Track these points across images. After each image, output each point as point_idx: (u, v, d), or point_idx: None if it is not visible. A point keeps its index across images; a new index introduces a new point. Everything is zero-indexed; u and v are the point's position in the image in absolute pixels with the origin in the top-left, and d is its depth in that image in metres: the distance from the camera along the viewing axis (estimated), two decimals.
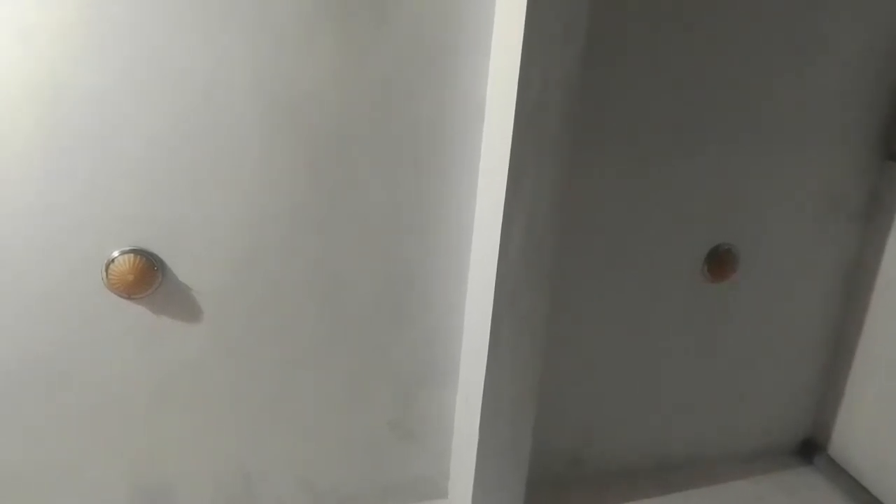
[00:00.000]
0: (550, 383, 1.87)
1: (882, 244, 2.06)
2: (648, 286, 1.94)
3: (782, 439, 2.33)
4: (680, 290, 1.98)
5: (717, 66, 1.76)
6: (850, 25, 1.83)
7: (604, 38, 1.60)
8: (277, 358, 1.68)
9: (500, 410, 1.73)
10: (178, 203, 1.47)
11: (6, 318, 1.47)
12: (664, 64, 1.71)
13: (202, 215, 1.50)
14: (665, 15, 1.67)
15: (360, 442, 1.84)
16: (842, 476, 2.18)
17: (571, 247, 1.77)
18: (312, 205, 1.56)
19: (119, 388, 1.59)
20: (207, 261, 1.54)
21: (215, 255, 1.54)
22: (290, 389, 1.72)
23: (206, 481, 1.75)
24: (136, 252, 1.47)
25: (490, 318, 1.61)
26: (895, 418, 2.03)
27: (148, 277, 1.48)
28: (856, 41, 1.85)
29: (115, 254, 1.46)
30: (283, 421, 1.75)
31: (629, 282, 1.92)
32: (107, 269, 1.46)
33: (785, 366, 2.20)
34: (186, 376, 1.63)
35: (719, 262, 1.96)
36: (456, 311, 1.76)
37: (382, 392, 1.80)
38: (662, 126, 1.77)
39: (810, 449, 2.31)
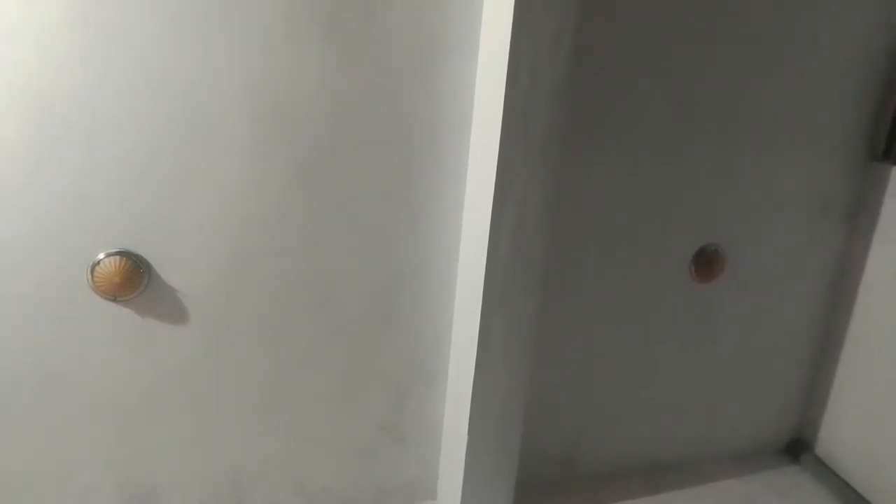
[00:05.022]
0: (540, 384, 1.87)
1: (868, 244, 2.08)
2: (637, 287, 1.95)
3: (770, 439, 2.35)
4: (668, 291, 1.99)
5: (706, 68, 1.77)
6: (837, 30, 1.84)
7: (594, 40, 1.61)
8: (267, 360, 1.68)
9: (489, 411, 1.73)
10: (164, 205, 1.46)
11: None
12: (654, 66, 1.72)
13: (189, 217, 1.49)
14: (655, 17, 1.68)
15: (351, 444, 1.83)
16: (828, 475, 2.20)
17: (560, 248, 1.77)
18: (301, 206, 1.55)
19: (106, 390, 1.58)
20: (195, 263, 1.53)
21: (203, 258, 1.53)
22: (279, 391, 1.72)
23: (196, 484, 1.74)
24: (122, 254, 1.46)
25: (479, 318, 1.61)
26: (881, 417, 2.05)
27: (134, 280, 1.47)
28: (843, 45, 1.87)
29: (101, 256, 1.45)
30: (273, 423, 1.74)
31: (618, 282, 1.92)
32: (92, 272, 1.45)
33: (772, 366, 2.22)
34: (175, 379, 1.62)
35: (706, 262, 1.97)
36: (445, 311, 1.76)
37: (372, 393, 1.80)
38: (651, 127, 1.78)
39: (797, 448, 2.33)
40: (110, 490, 1.67)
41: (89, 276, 1.45)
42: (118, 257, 1.45)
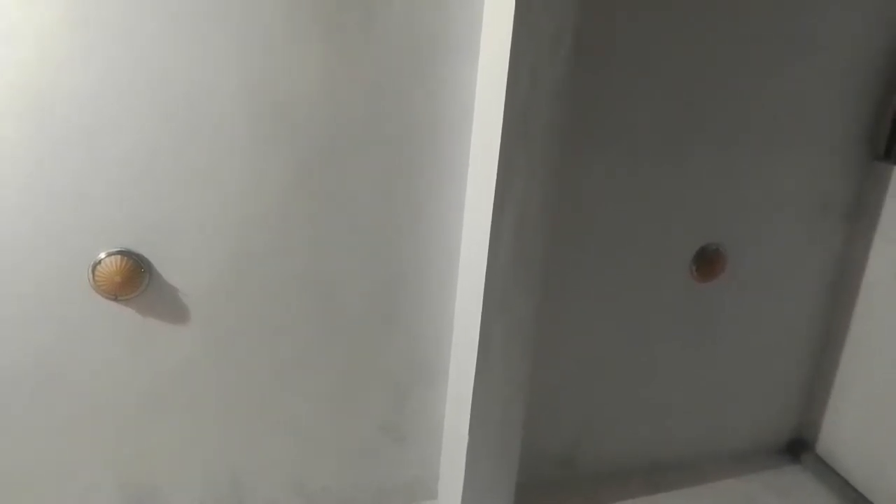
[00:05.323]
0: (540, 385, 1.87)
1: (869, 244, 2.08)
2: (637, 287, 1.95)
3: (770, 438, 2.35)
4: (668, 291, 1.99)
5: (707, 68, 1.77)
6: (837, 30, 1.84)
7: (594, 40, 1.61)
8: (267, 360, 1.68)
9: (490, 412, 1.73)
10: (165, 205, 1.46)
11: None
12: (654, 66, 1.72)
13: (189, 217, 1.49)
14: (655, 17, 1.68)
15: (351, 444, 1.84)
16: (829, 474, 2.20)
17: (561, 248, 1.77)
18: (301, 206, 1.55)
19: (107, 390, 1.58)
20: (195, 263, 1.53)
21: (203, 257, 1.53)
22: (279, 391, 1.72)
23: (196, 484, 1.74)
24: (123, 253, 1.46)
25: (479, 319, 1.61)
26: (882, 416, 2.05)
27: (135, 279, 1.47)
28: (843, 45, 1.87)
29: (102, 255, 1.45)
30: (273, 423, 1.74)
31: (618, 282, 1.92)
32: (93, 271, 1.45)
33: (773, 365, 2.22)
34: (175, 378, 1.62)
35: (707, 262, 1.97)
36: (446, 312, 1.76)
37: (373, 394, 1.80)
38: (652, 127, 1.78)
39: (798, 447, 2.33)
40: (110, 490, 1.67)
41: (90, 276, 1.45)
42: (119, 257, 1.45)
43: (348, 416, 1.80)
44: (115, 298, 1.48)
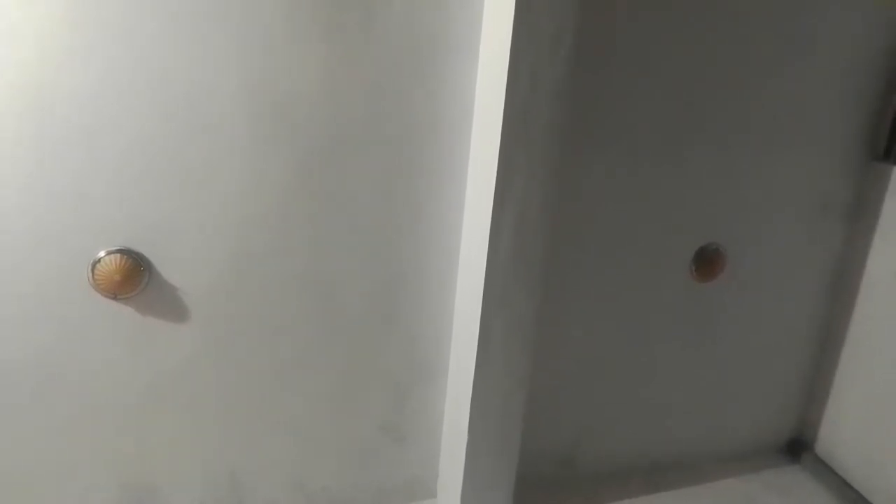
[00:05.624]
0: (540, 384, 1.87)
1: (868, 244, 2.08)
2: (637, 287, 1.95)
3: (770, 438, 2.35)
4: (668, 291, 1.99)
5: (706, 68, 1.77)
6: (837, 30, 1.84)
7: (594, 40, 1.61)
8: (267, 360, 1.68)
9: (490, 410, 1.73)
10: (164, 205, 1.46)
11: None
12: (654, 66, 1.72)
13: (189, 217, 1.49)
14: (655, 17, 1.68)
15: (351, 444, 1.84)
16: (828, 474, 2.20)
17: (560, 248, 1.77)
18: (301, 206, 1.55)
19: (106, 388, 1.58)
20: (195, 262, 1.53)
21: (203, 256, 1.53)
22: (279, 391, 1.72)
23: (196, 483, 1.74)
24: (123, 252, 1.46)
25: (479, 318, 1.61)
26: (881, 416, 2.05)
27: (135, 277, 1.47)
28: (843, 45, 1.87)
29: (102, 254, 1.45)
30: (272, 422, 1.74)
31: (618, 282, 1.92)
32: (93, 270, 1.45)
33: (772, 365, 2.22)
34: (175, 377, 1.62)
35: (707, 261, 1.97)
36: (446, 312, 1.76)
37: (373, 394, 1.80)
38: (651, 127, 1.78)
39: (797, 447, 2.33)
40: (110, 490, 1.67)
41: (90, 274, 1.45)
42: (119, 255, 1.45)
43: (348, 416, 1.80)
44: (115, 297, 1.48)
